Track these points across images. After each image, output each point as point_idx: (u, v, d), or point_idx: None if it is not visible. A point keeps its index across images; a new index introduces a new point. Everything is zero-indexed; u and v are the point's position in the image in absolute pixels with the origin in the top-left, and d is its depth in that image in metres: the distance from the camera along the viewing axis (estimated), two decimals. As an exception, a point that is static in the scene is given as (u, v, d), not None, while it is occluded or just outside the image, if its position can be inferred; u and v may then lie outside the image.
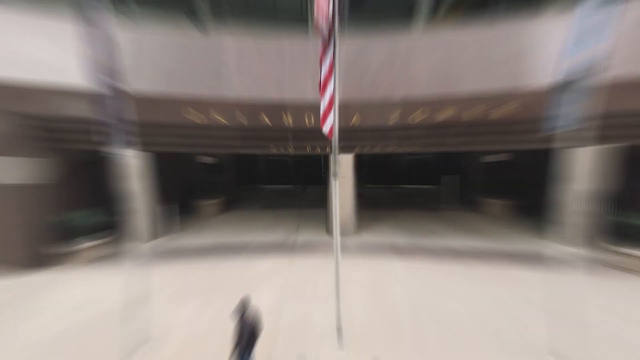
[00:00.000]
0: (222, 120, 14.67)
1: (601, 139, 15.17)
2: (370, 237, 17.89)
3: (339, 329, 12.02)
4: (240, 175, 21.95)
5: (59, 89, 13.55)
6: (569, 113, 10.47)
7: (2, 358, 11.67)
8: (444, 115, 14.21)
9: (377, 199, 21.49)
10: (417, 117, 14.45)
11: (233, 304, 13.68)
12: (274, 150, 15.99)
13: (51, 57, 13.49)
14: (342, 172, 17.17)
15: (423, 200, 21.41)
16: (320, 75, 10.98)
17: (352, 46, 14.46)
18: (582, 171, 16.05)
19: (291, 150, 15.92)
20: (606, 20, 9.86)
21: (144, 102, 13.98)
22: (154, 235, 18.18)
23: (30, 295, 14.59)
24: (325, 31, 10.64)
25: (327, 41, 10.77)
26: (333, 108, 10.86)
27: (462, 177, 21.09)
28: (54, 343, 12.17)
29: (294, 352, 11.62)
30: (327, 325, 12.66)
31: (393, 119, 14.70)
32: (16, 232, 15.60)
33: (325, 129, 11.11)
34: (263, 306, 13.53)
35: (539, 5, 14.37)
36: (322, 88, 10.99)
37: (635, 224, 15.17)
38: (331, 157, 14.25)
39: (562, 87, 10.50)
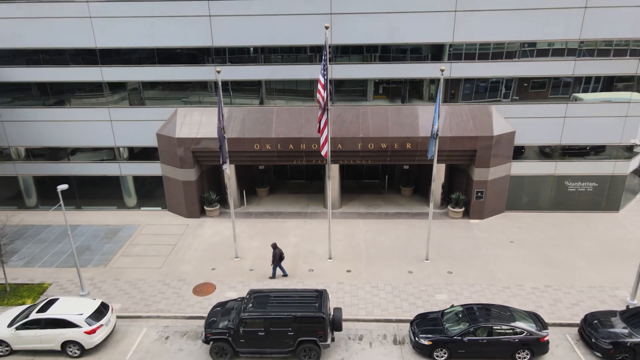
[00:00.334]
0: (269, 147, 28.54)
1: (444, 161, 29.10)
2: (346, 209, 32.05)
3: (330, 256, 26.10)
4: (277, 174, 36.23)
5: (206, 138, 27.80)
6: (433, 149, 24.13)
7: (191, 254, 26.47)
8: (382, 146, 28.14)
9: (351, 188, 35.51)
10: (370, 146, 28.29)
11: (279, 241, 27.90)
12: (295, 162, 29.63)
13: (205, 121, 27.79)
14: (332, 174, 31.00)
15: (373, 188, 35.56)
16: (320, 125, 23.94)
17: (337, 109, 28.47)
18: (440, 174, 30.33)
19: (305, 162, 29.56)
20: (439, 111, 23.62)
21: (233, 140, 28.02)
22: (237, 205, 32.35)
23: (194, 228, 29.72)
24: (322, 104, 23.64)
25: (323, 109, 23.81)
26: (327, 142, 24.21)
27: (392, 175, 35.14)
28: (205, 249, 26.90)
29: (307, 267, 25.69)
30: (324, 253, 26.77)
31: (358, 147, 28.48)
32: (186, 201, 30.42)
33: (323, 152, 24.43)
34: (291, 244, 27.66)
35: (422, 97, 28.36)
36: (321, 132, 23.94)
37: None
38: (327, 166, 27.95)
39: (432, 137, 23.97)
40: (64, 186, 21.23)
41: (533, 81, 27.48)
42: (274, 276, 24.41)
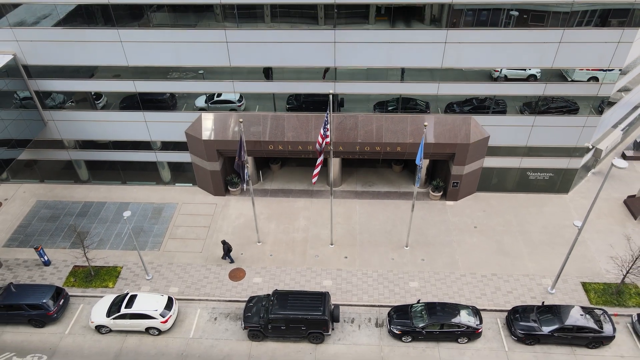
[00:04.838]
0: (281, 148, 34.14)
1: (428, 157, 34.75)
2: (346, 186, 38.71)
3: (332, 242, 33.52)
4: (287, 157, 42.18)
5: (227, 140, 33.26)
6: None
7: (223, 237, 33.58)
8: (377, 148, 33.73)
9: (350, 161, 41.24)
10: (366, 149, 33.86)
11: (291, 224, 35.17)
12: (303, 157, 35.41)
13: (226, 124, 33.03)
14: (334, 164, 36.94)
15: (369, 161, 41.31)
16: (313, 173, 29.63)
17: (339, 117, 33.44)
18: (425, 163, 36.25)
19: (311, 157, 35.35)
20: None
21: (252, 143, 33.58)
22: (255, 182, 38.94)
23: (222, 208, 36.72)
24: (318, 150, 28.84)
25: (320, 153, 29.11)
26: (317, 175, 30.02)
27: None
28: (233, 233, 34.40)
29: (314, 252, 33.16)
30: (327, 239, 34.12)
31: (356, 149, 34.02)
32: (213, 183, 36.92)
33: (313, 181, 30.17)
34: (301, 228, 34.82)
35: (418, 109, 32.96)
36: (315, 167, 29.79)
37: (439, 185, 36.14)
38: (329, 161, 33.80)
39: (418, 169, 29.71)
40: (128, 213, 27.90)
41: (509, 98, 32.03)
42: (232, 261, 32.24)
